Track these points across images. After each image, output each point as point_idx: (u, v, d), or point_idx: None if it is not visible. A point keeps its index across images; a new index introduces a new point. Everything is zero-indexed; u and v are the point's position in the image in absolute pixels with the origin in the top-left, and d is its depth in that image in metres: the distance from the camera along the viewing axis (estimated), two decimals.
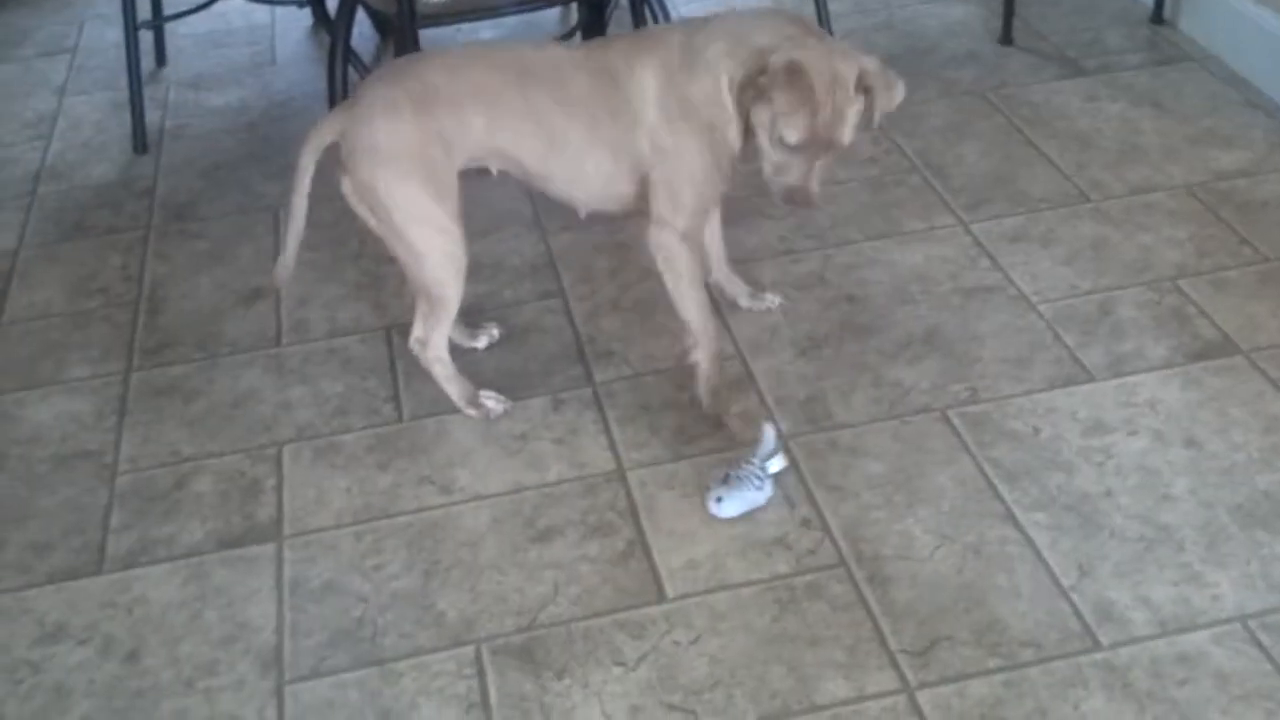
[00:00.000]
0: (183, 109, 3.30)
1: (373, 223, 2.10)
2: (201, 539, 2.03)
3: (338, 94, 3.02)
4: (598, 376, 2.30)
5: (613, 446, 2.14)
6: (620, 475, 2.08)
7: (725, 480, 1.97)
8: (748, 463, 1.97)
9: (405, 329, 2.43)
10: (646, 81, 2.02)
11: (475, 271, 2.58)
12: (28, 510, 2.11)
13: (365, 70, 3.11)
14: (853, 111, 1.92)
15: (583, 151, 2.09)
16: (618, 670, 1.76)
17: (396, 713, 1.73)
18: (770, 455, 1.98)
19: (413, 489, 2.10)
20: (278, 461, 2.17)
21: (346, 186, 2.07)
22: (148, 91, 3.21)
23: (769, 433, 2.00)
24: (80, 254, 2.76)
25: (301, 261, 2.62)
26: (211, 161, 3.06)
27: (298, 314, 2.53)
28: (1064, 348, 2.26)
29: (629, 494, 2.05)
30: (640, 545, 1.95)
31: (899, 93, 1.99)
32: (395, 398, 2.29)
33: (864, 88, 1.92)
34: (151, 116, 3.19)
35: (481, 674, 1.77)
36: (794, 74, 1.88)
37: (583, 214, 2.23)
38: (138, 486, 2.14)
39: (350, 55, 3.04)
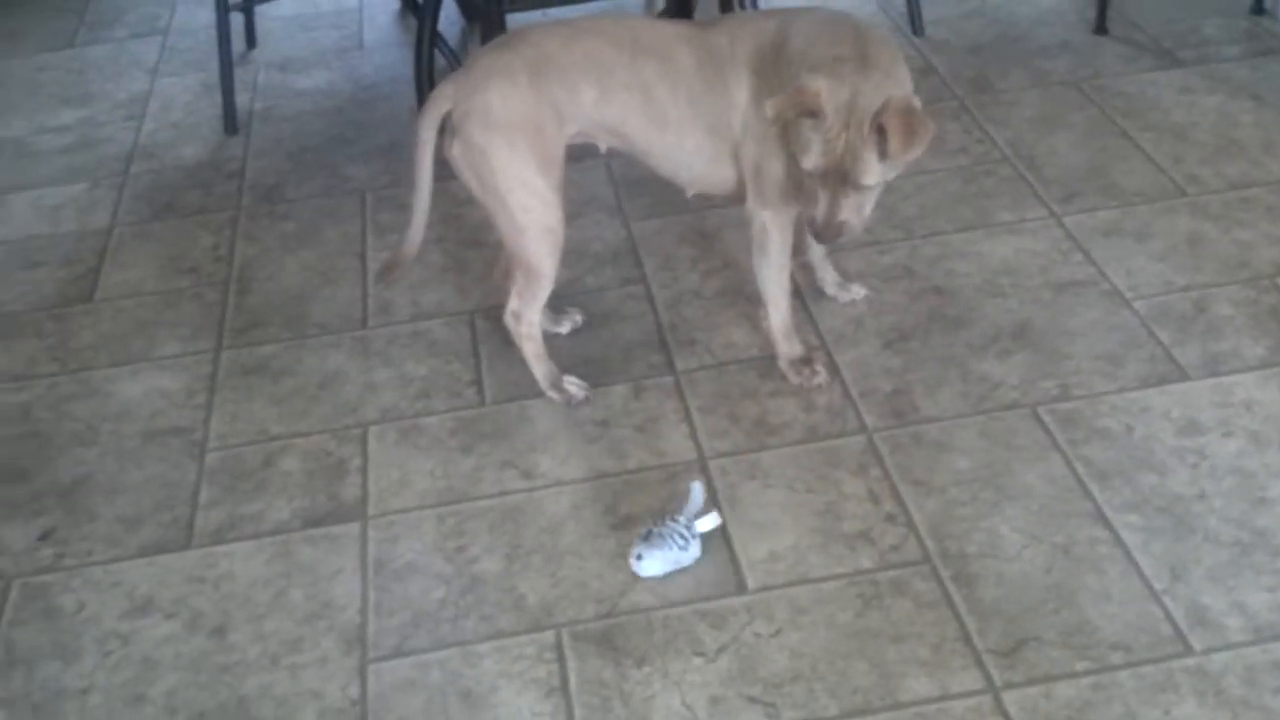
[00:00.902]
0: (271, 91, 3.34)
1: (476, 188, 2.11)
2: (288, 517, 2.05)
3: (424, 79, 3.04)
4: (679, 365, 2.29)
5: (694, 435, 2.13)
6: (701, 464, 2.07)
7: (647, 537, 1.87)
8: (673, 520, 1.88)
9: (489, 313, 2.45)
10: (743, 64, 2.00)
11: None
12: (118, 485, 2.15)
13: (452, 55, 3.13)
14: (867, 151, 1.85)
15: (683, 130, 2.08)
16: (698, 660, 1.76)
17: (477, 694, 1.74)
18: (698, 514, 1.90)
19: (495, 473, 2.11)
20: (363, 442, 2.19)
21: (455, 150, 2.08)
22: (238, 73, 3.25)
23: (696, 490, 1.93)
24: (171, 233, 2.80)
25: (386, 246, 2.65)
26: (299, 144, 3.10)
27: (383, 296, 2.55)
28: (1158, 345, 2.21)
29: (710, 483, 2.03)
30: (721, 535, 1.94)
31: (918, 141, 1.84)
32: (478, 382, 2.30)
33: (878, 126, 1.83)
34: (241, 98, 3.23)
35: (562, 659, 1.78)
36: (807, 100, 1.84)
37: (689, 194, 2.23)
38: (226, 464, 2.17)
39: (437, 40, 3.06)
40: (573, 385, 2.23)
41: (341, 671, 1.79)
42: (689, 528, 1.87)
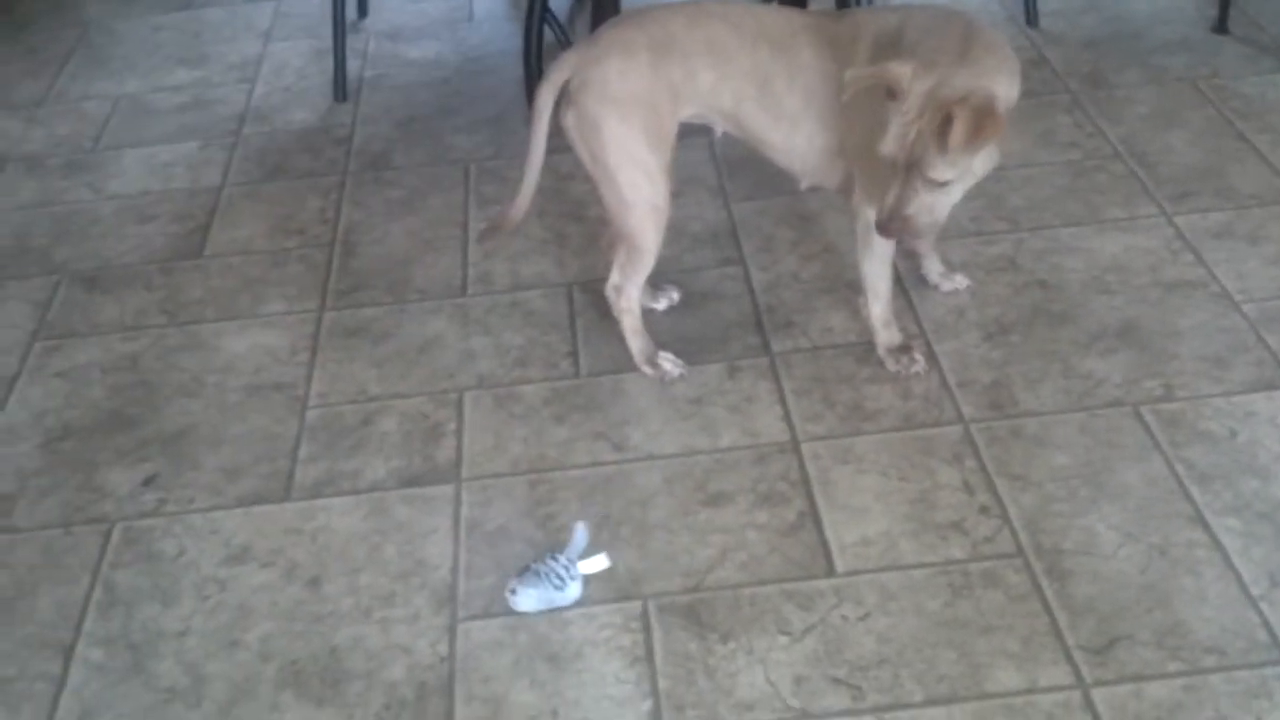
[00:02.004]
0: (381, 60, 3.39)
1: (587, 160, 2.12)
2: (384, 476, 2.09)
3: (533, 53, 3.06)
4: (775, 347, 2.28)
5: (787, 418, 2.13)
6: (794, 446, 2.07)
7: (523, 573, 1.84)
8: (553, 558, 1.84)
9: (587, 286, 2.47)
10: (862, 59, 1.99)
11: None
12: (221, 436, 2.20)
13: (561, 31, 3.14)
14: (934, 140, 1.81)
15: (798, 121, 2.08)
16: (783, 639, 1.76)
17: (563, 659, 1.76)
18: (581, 555, 1.86)
19: (587, 444, 2.12)
20: (459, 407, 2.22)
21: (569, 119, 2.10)
22: (349, 41, 3.30)
23: (579, 531, 1.89)
24: (280, 195, 2.86)
25: (487, 218, 2.68)
26: (407, 113, 3.14)
27: (483, 266, 2.58)
28: (1266, 350, 2.16)
29: (802, 466, 2.03)
30: (811, 518, 1.94)
31: (980, 137, 1.80)
32: (574, 353, 2.32)
33: (945, 115, 1.79)
34: (351, 66, 3.28)
35: (647, 630, 1.79)
36: (889, 78, 1.83)
37: (802, 185, 2.22)
38: (326, 421, 2.21)
39: (547, 15, 3.08)
40: (667, 361, 2.24)
41: (432, 629, 1.82)
42: (568, 568, 1.83)
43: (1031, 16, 3.23)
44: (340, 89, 3.20)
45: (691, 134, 2.92)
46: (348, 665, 1.78)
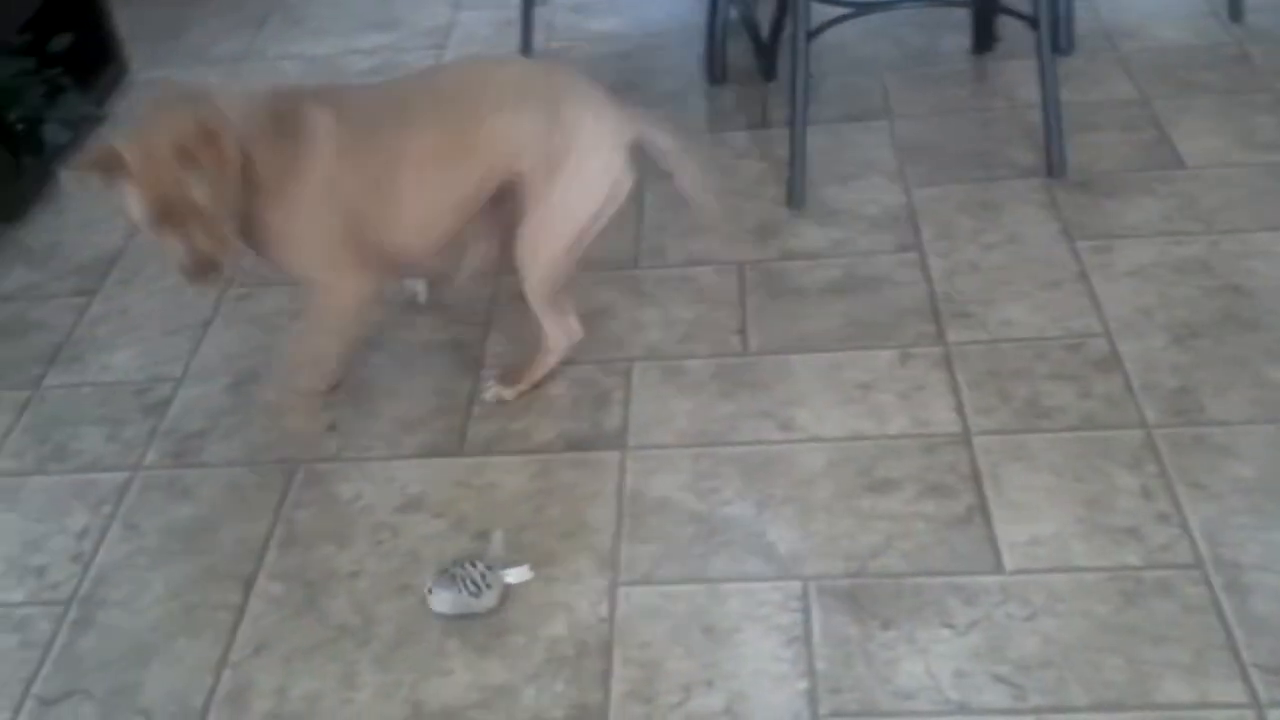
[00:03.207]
0: (565, 32, 3.43)
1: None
2: (552, 438, 2.13)
3: (716, 29, 3.07)
4: (950, 337, 2.25)
5: (959, 409, 2.10)
6: (965, 439, 2.04)
7: (440, 574, 1.84)
8: (472, 564, 1.84)
9: (758, 265, 2.47)
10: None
11: (830, 217, 2.59)
12: (400, 389, 2.27)
13: (747, 10, 3.14)
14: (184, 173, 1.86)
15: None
16: (945, 632, 1.74)
17: (721, 631, 1.77)
18: (501, 563, 1.86)
19: (752, 421, 2.12)
20: (627, 376, 2.25)
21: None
22: (536, 12, 3.35)
23: (496, 541, 1.89)
24: None
25: (663, 193, 2.70)
26: None
27: (655, 240, 2.60)
28: None
29: (973, 459, 2.00)
30: (981, 512, 1.91)
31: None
32: (742, 331, 2.33)
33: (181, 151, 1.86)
34: (536, 36, 3.32)
35: (807, 610, 1.79)
36: (108, 160, 1.88)
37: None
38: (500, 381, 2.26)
39: None
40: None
41: (593, 590, 1.85)
42: (484, 576, 1.82)
43: (1235, 11, 3.10)
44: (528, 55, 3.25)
45: (871, 117, 2.91)
46: (511, 618, 1.82)
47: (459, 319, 2.42)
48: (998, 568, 1.82)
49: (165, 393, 2.30)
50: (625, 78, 3.19)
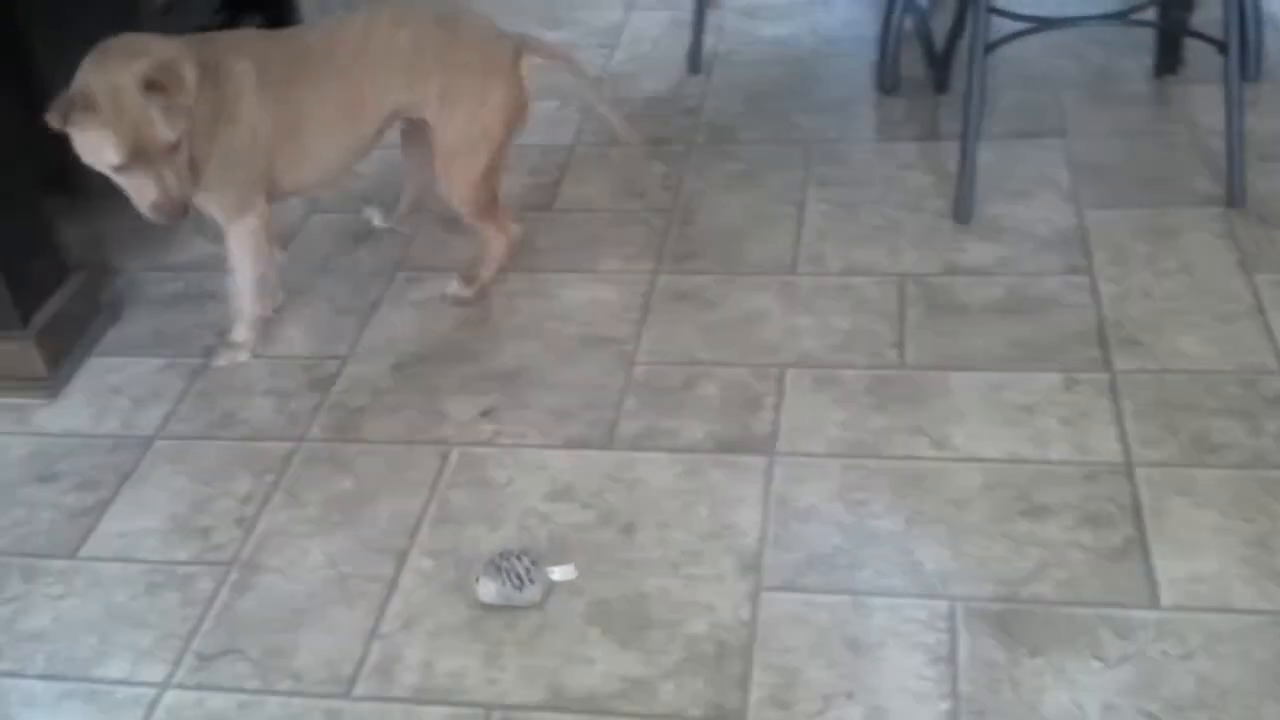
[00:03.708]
0: (735, 36, 3.44)
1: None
2: (701, 438, 2.14)
3: (890, 39, 3.04)
4: (1118, 365, 2.19)
5: (1123, 438, 2.04)
6: (1127, 469, 1.98)
7: (488, 564, 1.87)
8: (517, 558, 1.86)
9: (921, 279, 2.44)
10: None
11: (997, 234, 2.54)
12: (553, 380, 2.31)
13: (921, 18, 3.10)
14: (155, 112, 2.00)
15: None
16: (1096, 664, 1.69)
17: (864, 645, 1.75)
18: (545, 560, 1.89)
19: (905, 436, 2.10)
20: (779, 382, 2.24)
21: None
22: (707, 16, 3.36)
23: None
24: (626, 158, 2.95)
25: (825, 199, 2.69)
26: (755, 90, 3.18)
27: (815, 247, 2.59)
28: None
29: (1134, 490, 1.94)
30: (1139, 545, 1.85)
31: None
32: (900, 344, 2.30)
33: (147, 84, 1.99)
34: (707, 40, 3.34)
35: (953, 631, 1.76)
36: (79, 102, 2.00)
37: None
38: (650, 378, 2.28)
39: (910, 4, 3.05)
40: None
41: (735, 592, 1.85)
42: (529, 570, 1.85)
43: None
44: (695, 61, 3.27)
45: (1046, 134, 2.85)
46: (652, 613, 1.83)
47: (615, 315, 2.45)
48: (1154, 603, 1.77)
49: (332, 369, 2.38)
50: (793, 84, 3.19)
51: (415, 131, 2.47)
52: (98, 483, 2.17)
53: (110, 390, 2.38)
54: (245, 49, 2.23)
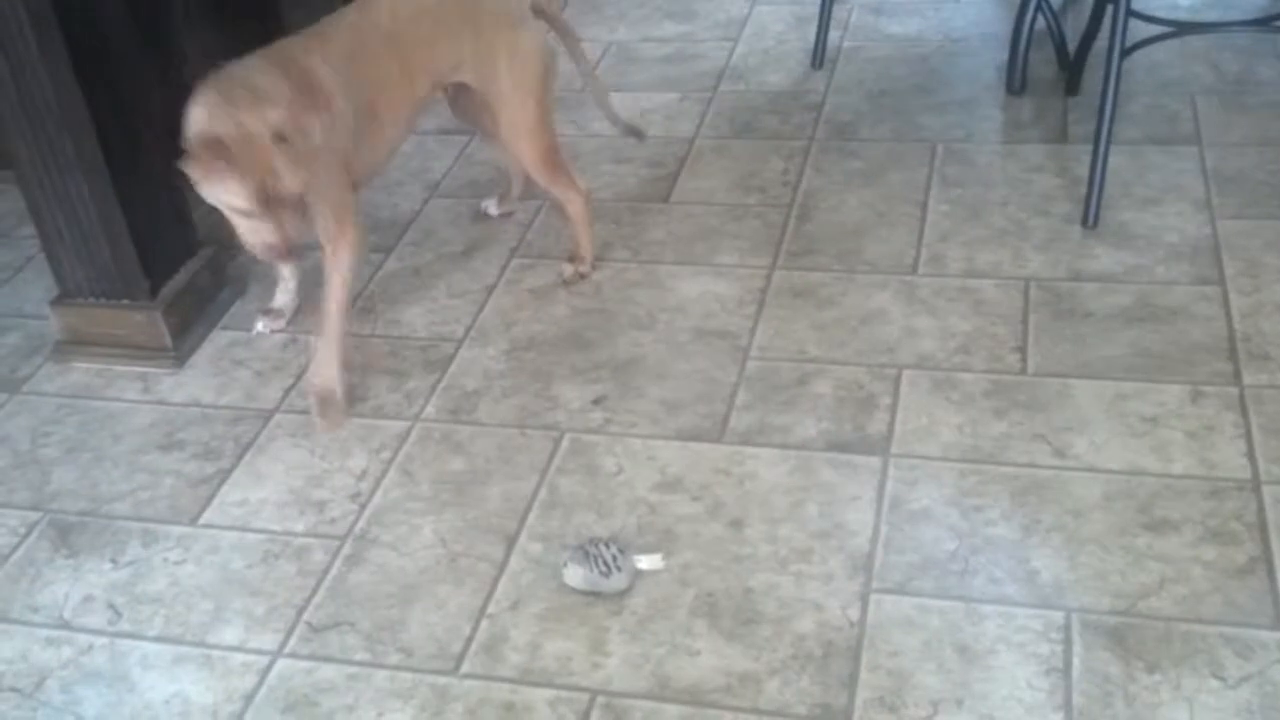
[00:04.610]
0: (861, 32, 3.40)
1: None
2: (814, 436, 2.12)
3: (1021, 39, 2.98)
4: (1247, 379, 2.12)
5: (1251, 454, 1.97)
6: (1254, 486, 1.92)
7: (576, 549, 1.88)
8: (605, 545, 1.87)
9: (1045, 283, 2.39)
10: None
11: (1126, 240, 2.48)
12: (666, 371, 2.30)
13: (1053, 18, 3.04)
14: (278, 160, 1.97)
15: None
16: (1215, 683, 1.64)
17: (975, 652, 1.72)
18: (633, 549, 1.90)
19: (1024, 443, 2.06)
20: (895, 382, 2.21)
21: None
22: (834, 11, 3.33)
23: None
24: (746, 152, 2.94)
25: (948, 199, 2.65)
26: (879, 87, 3.14)
27: (937, 248, 2.55)
28: None
29: (1261, 508, 1.88)
30: (1264, 564, 1.79)
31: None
32: (1022, 349, 2.25)
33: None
34: (831, 35, 3.31)
35: (1068, 643, 1.72)
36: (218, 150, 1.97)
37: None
38: (764, 373, 2.27)
39: (1043, 4, 2.98)
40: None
41: (844, 592, 1.83)
42: (616, 558, 1.86)
43: None
44: (818, 56, 3.25)
45: (1179, 141, 2.77)
46: (760, 608, 1.82)
47: (729, 309, 2.44)
48: (1277, 623, 1.70)
49: (447, 351, 2.41)
50: (920, 81, 3.14)
51: (476, 112, 2.52)
52: (219, 452, 2.22)
53: (233, 363, 2.45)
54: (312, 46, 2.19)
